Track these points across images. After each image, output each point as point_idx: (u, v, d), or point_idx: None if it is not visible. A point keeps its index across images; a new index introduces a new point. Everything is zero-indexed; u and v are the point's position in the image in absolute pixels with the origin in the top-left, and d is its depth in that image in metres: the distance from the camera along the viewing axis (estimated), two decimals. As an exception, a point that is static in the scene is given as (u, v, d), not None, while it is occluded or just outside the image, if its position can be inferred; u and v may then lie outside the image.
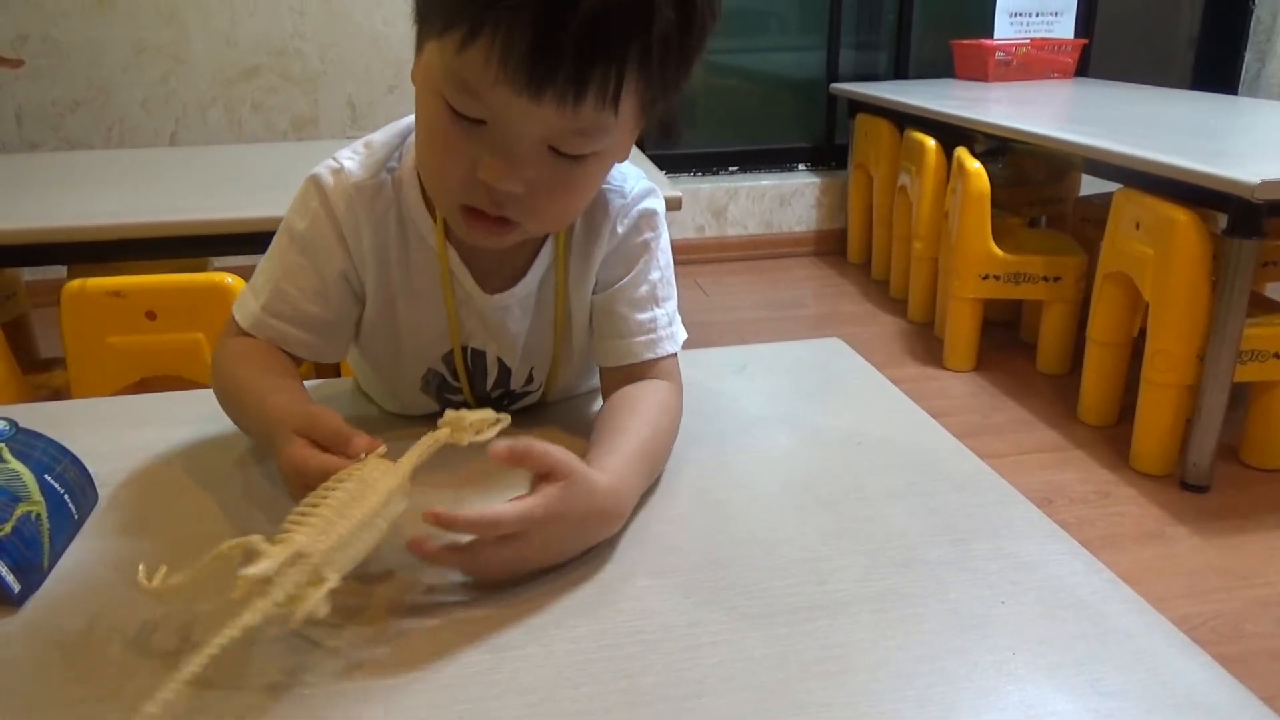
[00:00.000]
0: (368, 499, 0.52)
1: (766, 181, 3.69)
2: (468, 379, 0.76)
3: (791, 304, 3.23)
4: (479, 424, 0.59)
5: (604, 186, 0.73)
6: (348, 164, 0.70)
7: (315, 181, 0.70)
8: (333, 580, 0.48)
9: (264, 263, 0.73)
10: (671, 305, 0.76)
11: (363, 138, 0.73)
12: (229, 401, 0.71)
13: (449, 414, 0.59)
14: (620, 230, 0.73)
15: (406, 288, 0.73)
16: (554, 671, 0.49)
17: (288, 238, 0.71)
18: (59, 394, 1.69)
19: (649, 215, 0.74)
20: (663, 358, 0.74)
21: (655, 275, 0.75)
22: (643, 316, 0.73)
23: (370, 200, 0.70)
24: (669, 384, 0.73)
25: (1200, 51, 4.02)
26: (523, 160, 0.59)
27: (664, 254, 0.76)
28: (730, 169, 3.82)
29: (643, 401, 0.70)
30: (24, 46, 3.05)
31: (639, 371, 0.73)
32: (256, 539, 0.48)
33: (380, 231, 0.71)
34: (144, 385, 1.40)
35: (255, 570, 0.46)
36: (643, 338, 0.73)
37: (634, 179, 0.75)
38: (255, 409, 0.65)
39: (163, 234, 1.54)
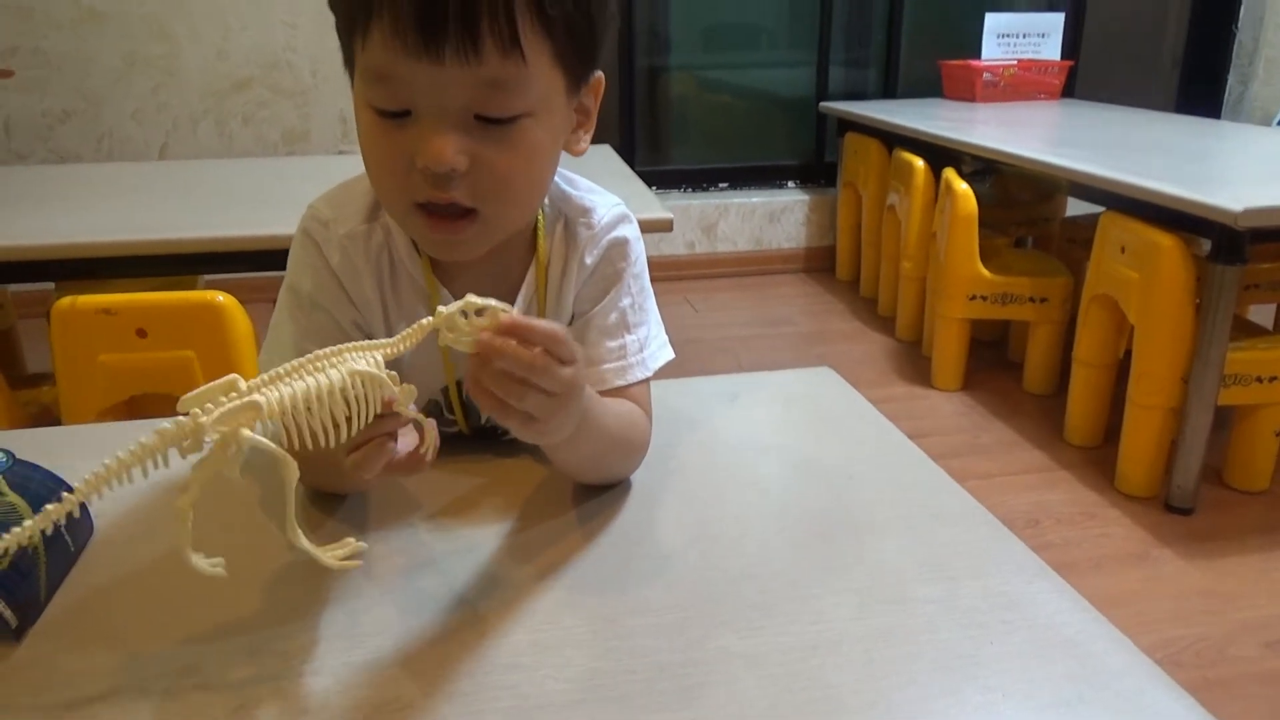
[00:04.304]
0: (318, 353, 0.51)
1: (756, 198, 3.71)
2: (463, 411, 0.77)
3: (781, 321, 3.24)
4: (470, 326, 0.54)
5: (575, 219, 0.74)
6: (331, 214, 0.71)
7: (307, 236, 0.71)
8: (260, 400, 0.48)
9: (277, 329, 0.73)
10: (644, 331, 0.76)
11: (337, 185, 0.74)
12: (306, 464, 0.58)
13: (444, 312, 0.54)
14: (589, 261, 0.74)
15: (404, 328, 0.73)
16: (548, 713, 0.49)
17: (294, 298, 0.72)
18: (47, 410, 1.69)
19: (619, 244, 0.75)
20: (632, 384, 0.74)
21: (626, 302, 0.75)
22: (612, 344, 0.74)
23: (363, 247, 0.71)
24: (637, 408, 0.73)
25: (1185, 74, 4.07)
26: (452, 133, 0.59)
27: (636, 280, 0.76)
28: (720, 185, 3.84)
29: (613, 401, 0.71)
30: (14, 57, 3.05)
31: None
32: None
33: (377, 275, 0.72)
34: (134, 403, 1.40)
35: (192, 393, 0.47)
36: (612, 364, 0.74)
37: (603, 208, 0.75)
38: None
39: (153, 252, 1.54)
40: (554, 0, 0.59)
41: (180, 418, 0.47)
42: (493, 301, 0.54)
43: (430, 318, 0.54)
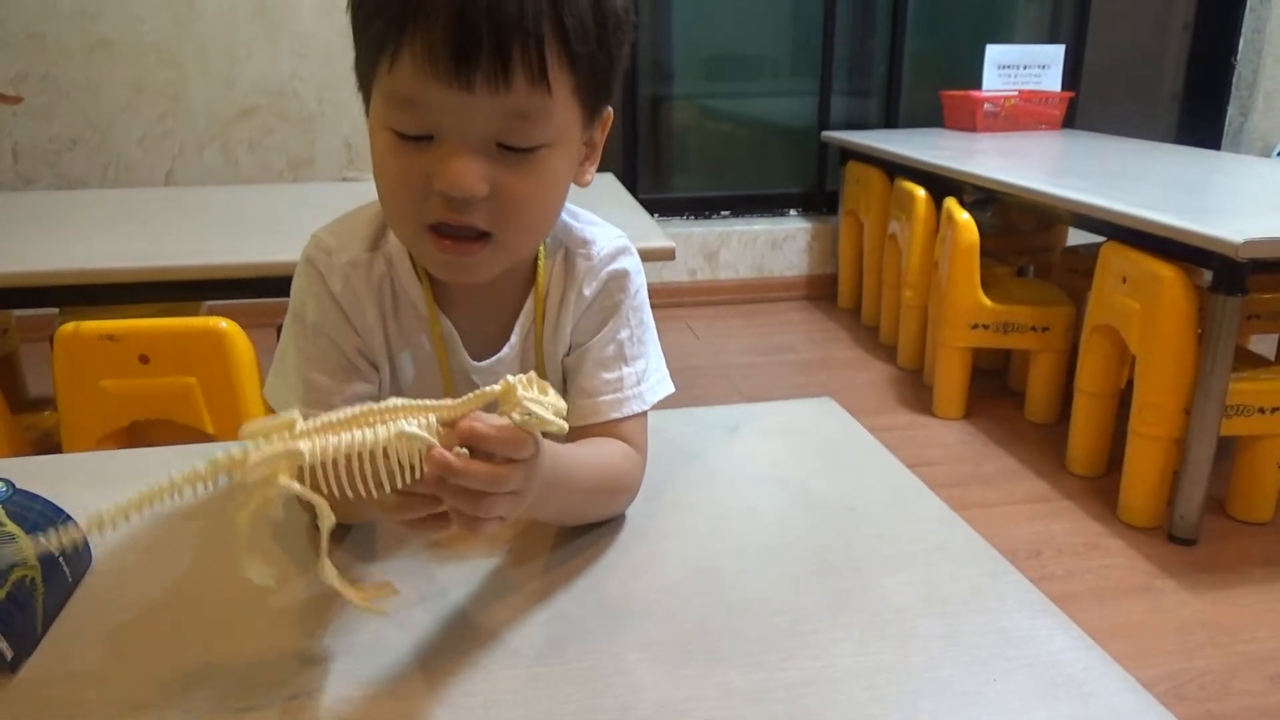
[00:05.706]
0: (374, 407, 0.51)
1: (758, 226, 3.73)
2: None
3: (782, 348, 3.24)
4: (534, 419, 0.52)
5: (574, 250, 0.74)
6: (335, 243, 0.71)
7: (311, 265, 0.71)
8: (305, 450, 0.48)
9: (282, 358, 0.73)
10: (642, 364, 0.75)
11: (340, 215, 0.74)
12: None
13: (512, 381, 0.52)
14: (587, 293, 0.74)
15: (406, 357, 0.74)
16: (549, 748, 0.49)
17: (300, 327, 0.72)
18: (48, 436, 1.69)
19: (618, 276, 0.75)
20: (627, 418, 0.74)
21: (624, 334, 0.75)
22: (609, 376, 0.74)
23: (365, 275, 0.71)
24: (627, 448, 0.73)
25: (1184, 106, 4.09)
26: (474, 159, 0.60)
27: (635, 313, 0.76)
28: (722, 213, 3.85)
29: (593, 447, 0.70)
30: (23, 84, 3.07)
31: (602, 431, 0.73)
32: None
33: (379, 304, 0.72)
34: (135, 429, 1.40)
35: (253, 424, 0.48)
36: (608, 397, 0.73)
37: (603, 240, 0.75)
38: None
39: (156, 278, 1.54)
40: (580, 37, 0.60)
41: (231, 448, 0.48)
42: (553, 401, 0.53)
43: (496, 385, 0.52)
